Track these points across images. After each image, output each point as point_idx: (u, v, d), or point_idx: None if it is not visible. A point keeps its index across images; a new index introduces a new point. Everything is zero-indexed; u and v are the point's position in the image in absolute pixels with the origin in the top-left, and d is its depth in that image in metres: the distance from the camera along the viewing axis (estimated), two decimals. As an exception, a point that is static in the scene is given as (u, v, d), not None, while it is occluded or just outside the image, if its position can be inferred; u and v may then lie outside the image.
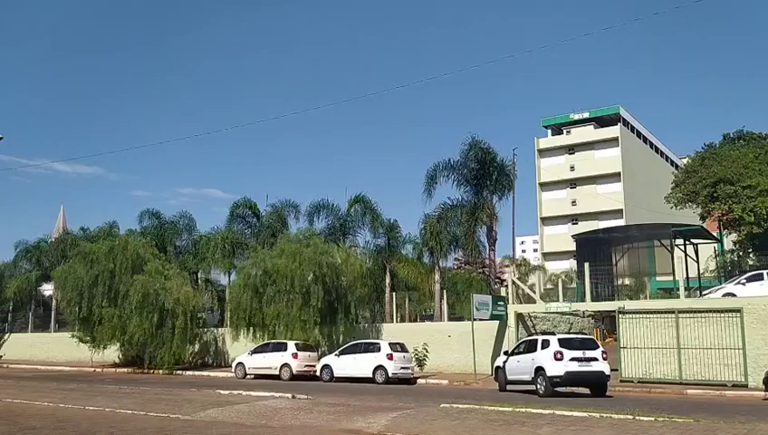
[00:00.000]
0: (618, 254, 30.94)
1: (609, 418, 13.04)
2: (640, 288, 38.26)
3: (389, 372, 24.78)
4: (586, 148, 79.24)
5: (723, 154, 36.58)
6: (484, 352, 26.96)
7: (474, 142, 36.35)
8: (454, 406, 15.34)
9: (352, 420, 13.50)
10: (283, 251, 30.89)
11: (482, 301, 27.11)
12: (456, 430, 11.96)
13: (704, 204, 35.80)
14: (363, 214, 39.22)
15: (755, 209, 32.15)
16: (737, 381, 21.36)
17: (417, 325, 34.62)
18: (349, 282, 31.43)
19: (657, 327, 23.27)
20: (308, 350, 28.30)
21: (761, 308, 21.65)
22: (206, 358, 35.65)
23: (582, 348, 19.38)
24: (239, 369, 28.71)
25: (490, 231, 37.05)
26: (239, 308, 31.06)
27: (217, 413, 14.94)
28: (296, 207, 40.38)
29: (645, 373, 23.08)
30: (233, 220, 41.02)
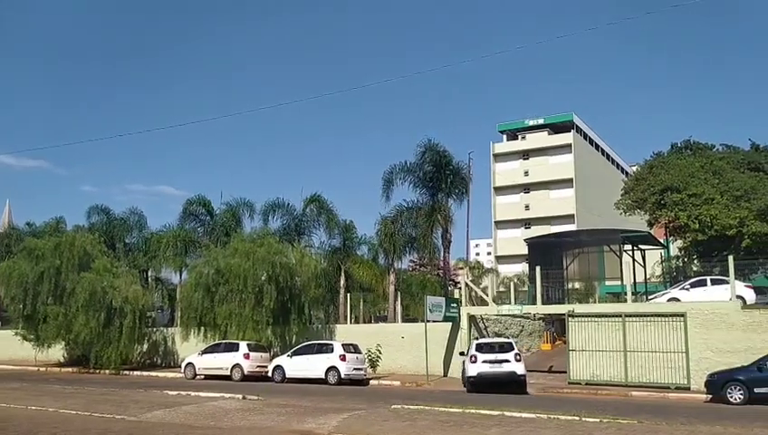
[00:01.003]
0: (568, 258, 31.56)
1: (556, 419, 13.29)
2: (590, 292, 39.06)
3: (342, 373, 24.70)
4: (540, 153, 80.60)
5: (670, 163, 37.72)
6: (437, 353, 27.16)
7: (429, 145, 36.68)
8: (405, 407, 15.41)
9: (303, 421, 13.43)
10: (237, 250, 30.50)
11: (435, 303, 27.29)
12: (407, 431, 12.01)
13: (651, 211, 36.84)
14: (319, 214, 39.12)
15: (700, 217, 33.20)
16: (680, 384, 21.99)
17: (370, 327, 34.64)
18: (303, 282, 31.22)
19: (605, 330, 23.79)
20: (260, 350, 28.00)
21: (703, 313, 22.35)
22: (154, 358, 34.93)
23: (496, 352, 21.67)
24: (189, 369, 28.20)
25: (445, 233, 37.39)
26: (190, 307, 30.54)
27: (164, 414, 14.66)
28: (251, 206, 40.00)
29: (592, 375, 23.57)
30: (185, 218, 40.37)
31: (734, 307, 22.12)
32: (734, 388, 18.40)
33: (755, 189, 33.82)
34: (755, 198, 33.20)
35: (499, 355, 21.53)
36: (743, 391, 18.19)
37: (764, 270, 32.80)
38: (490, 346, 22.30)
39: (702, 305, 22.75)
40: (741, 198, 33.39)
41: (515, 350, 22.09)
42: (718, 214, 32.71)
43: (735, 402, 18.14)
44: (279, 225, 38.83)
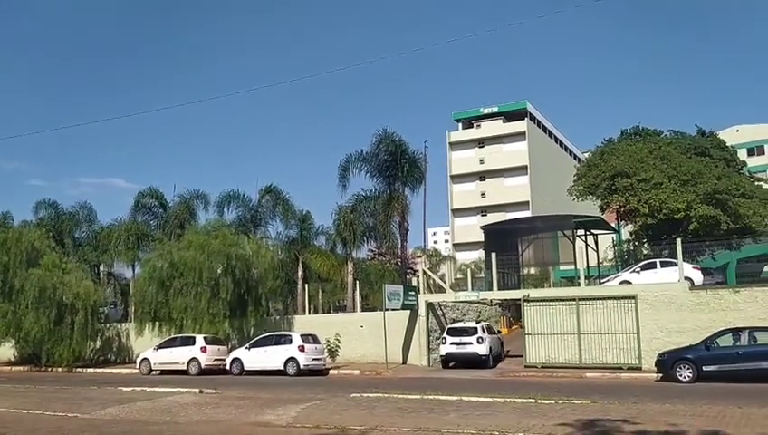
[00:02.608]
0: (524, 244, 31.98)
1: (512, 402, 13.52)
2: (545, 277, 39.74)
3: (301, 364, 24.62)
4: (495, 141, 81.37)
5: (621, 149, 38.52)
6: (396, 341, 27.30)
7: (385, 134, 36.70)
8: (364, 395, 15.46)
9: (261, 413, 13.34)
10: (191, 243, 30.05)
11: (393, 291, 27.38)
12: (365, 419, 12.03)
13: (603, 196, 37.61)
14: (275, 205, 38.80)
15: (650, 202, 34.02)
16: (632, 364, 22.59)
17: (329, 317, 34.58)
18: (260, 274, 30.98)
19: (560, 314, 24.27)
20: (217, 343, 27.70)
21: (653, 295, 22.99)
22: (108, 354, 34.31)
23: (461, 335, 25.34)
24: (144, 365, 27.75)
25: (402, 222, 37.51)
26: (144, 302, 30.04)
27: (118, 411, 14.39)
28: (205, 198, 39.43)
29: (548, 358, 24.04)
30: (137, 211, 39.54)
31: (683, 288, 22.80)
32: (684, 367, 18.98)
33: (701, 174, 34.81)
34: (701, 182, 34.18)
35: (464, 338, 25.15)
36: (691, 370, 18.78)
37: (711, 252, 33.90)
38: (458, 330, 25.79)
39: (652, 287, 23.38)
40: (688, 182, 34.33)
41: (479, 334, 25.12)
42: (667, 198, 33.57)
43: (685, 381, 18.72)
44: (234, 216, 38.47)
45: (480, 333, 25.26)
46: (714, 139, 41.06)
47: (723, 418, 11.19)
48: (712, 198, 33.74)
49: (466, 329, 25.74)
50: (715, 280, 29.15)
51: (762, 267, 40.60)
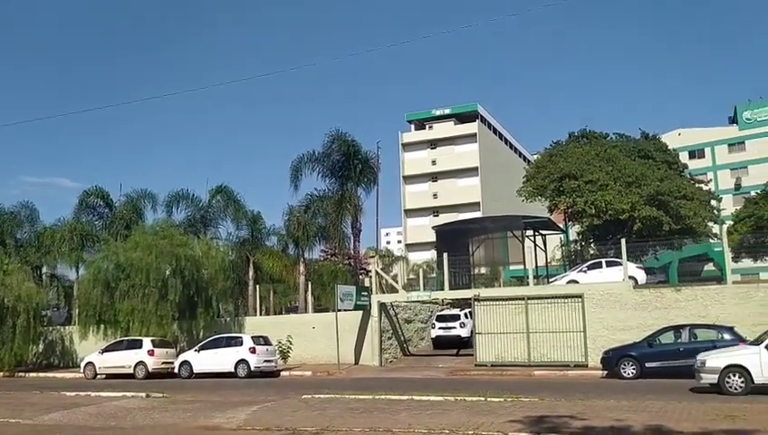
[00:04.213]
0: (474, 244, 32.33)
1: (462, 400, 13.68)
2: (495, 277, 40.24)
3: (252, 366, 24.34)
4: (447, 143, 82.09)
5: (568, 151, 39.38)
6: (349, 342, 27.29)
7: (337, 135, 36.64)
8: (315, 397, 15.41)
9: (210, 417, 13.15)
10: (138, 243, 29.37)
11: (346, 292, 27.36)
12: (317, 420, 11.99)
13: (551, 197, 38.37)
14: (226, 205, 38.23)
15: (596, 203, 34.87)
16: (579, 362, 23.09)
17: (281, 318, 34.26)
18: (210, 275, 30.49)
19: (509, 313, 24.64)
20: (165, 346, 27.14)
21: (599, 294, 23.55)
22: (51, 359, 33.32)
23: (448, 321, 29.96)
24: (89, 369, 26.99)
25: (355, 222, 37.53)
26: (88, 304, 29.26)
27: (62, 416, 13.99)
28: (153, 198, 38.54)
29: (497, 357, 24.37)
30: (82, 211, 38.32)
31: (627, 287, 23.44)
32: (627, 363, 19.54)
33: (645, 176, 35.88)
34: (645, 184, 35.23)
35: (449, 323, 29.80)
36: (635, 367, 19.35)
37: (654, 252, 34.99)
38: (445, 317, 30.45)
39: (598, 286, 23.96)
40: (632, 184, 35.33)
41: (461, 320, 29.32)
42: (612, 199, 34.47)
43: (629, 377, 19.26)
44: (184, 216, 37.76)
45: (462, 319, 29.21)
46: (657, 142, 42.35)
47: (665, 413, 11.57)
48: (655, 200, 34.81)
49: (452, 316, 30.15)
50: (658, 279, 30.18)
51: (702, 267, 42.15)
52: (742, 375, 14.67)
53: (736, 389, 14.62)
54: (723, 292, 22.10)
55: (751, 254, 37.36)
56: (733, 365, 14.85)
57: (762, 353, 14.58)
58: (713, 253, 39.07)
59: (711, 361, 15.33)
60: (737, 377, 14.70)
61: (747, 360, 14.76)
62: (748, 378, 14.60)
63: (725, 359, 15.16)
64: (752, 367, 14.57)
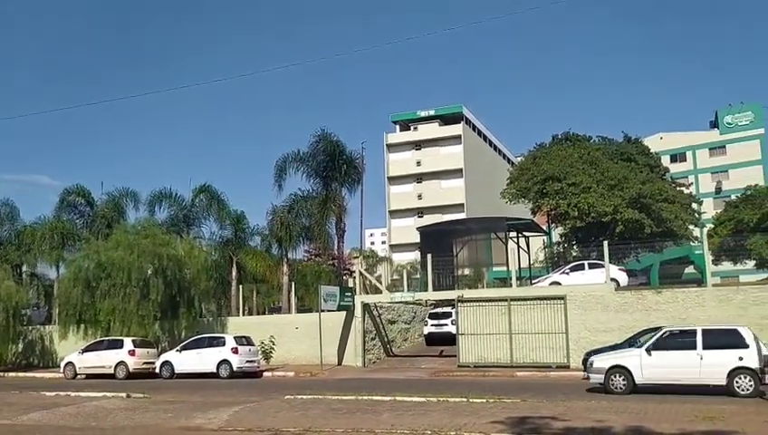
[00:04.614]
0: (458, 245, 32.43)
1: (445, 401, 13.70)
2: (479, 278, 40.37)
3: (234, 367, 24.20)
4: (432, 144, 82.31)
5: (552, 154, 39.64)
6: (332, 342, 27.24)
7: (323, 135, 36.56)
8: (298, 397, 15.36)
9: (192, 417, 13.05)
10: (120, 242, 29.09)
11: (329, 292, 27.28)
12: (299, 421, 11.95)
13: (534, 199, 38.62)
14: (209, 204, 37.96)
15: (578, 205, 35.15)
16: (561, 363, 23.18)
17: (264, 318, 34.14)
18: (192, 275, 30.25)
19: (492, 314, 24.68)
20: (147, 346, 26.89)
21: (581, 296, 23.69)
22: (31, 358, 32.95)
23: (440, 318, 30.64)
24: (69, 369, 26.70)
25: (339, 223, 37.46)
26: (69, 304, 28.93)
27: (41, 416, 13.83)
28: (135, 196, 38.13)
29: (480, 358, 24.41)
30: (63, 209, 37.83)
31: (609, 289, 23.60)
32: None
33: (627, 179, 36.22)
34: (627, 186, 35.57)
35: (441, 321, 30.41)
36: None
37: (636, 254, 35.32)
38: (437, 315, 31.17)
39: (580, 288, 24.09)
40: (615, 186, 35.64)
41: (452, 317, 28.53)
42: (595, 202, 34.75)
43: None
44: (167, 216, 37.41)
45: (454, 316, 28.03)
46: (639, 145, 42.77)
47: (645, 414, 11.67)
48: (637, 203, 35.15)
49: (444, 313, 30.61)
50: (640, 281, 30.44)
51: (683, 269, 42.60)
52: (624, 376, 15.64)
53: (619, 388, 15.54)
54: (703, 294, 22.33)
55: (731, 257, 37.85)
56: (616, 366, 15.84)
57: (642, 356, 15.62)
58: (693, 256, 39.50)
59: (597, 362, 16.39)
60: (620, 377, 15.65)
61: (629, 361, 15.77)
62: (630, 378, 15.58)
63: (610, 360, 16.21)
64: (633, 368, 15.58)
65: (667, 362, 15.39)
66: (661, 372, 15.48)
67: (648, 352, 15.64)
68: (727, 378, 14.85)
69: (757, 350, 14.80)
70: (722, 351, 15.02)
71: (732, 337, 15.26)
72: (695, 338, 15.44)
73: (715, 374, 14.95)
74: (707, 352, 15.07)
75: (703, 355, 15.08)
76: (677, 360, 15.33)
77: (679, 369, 15.26)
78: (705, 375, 15.06)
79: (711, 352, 15.06)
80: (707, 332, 15.62)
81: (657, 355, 15.52)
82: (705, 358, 15.04)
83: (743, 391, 14.64)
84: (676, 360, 15.34)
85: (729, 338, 15.29)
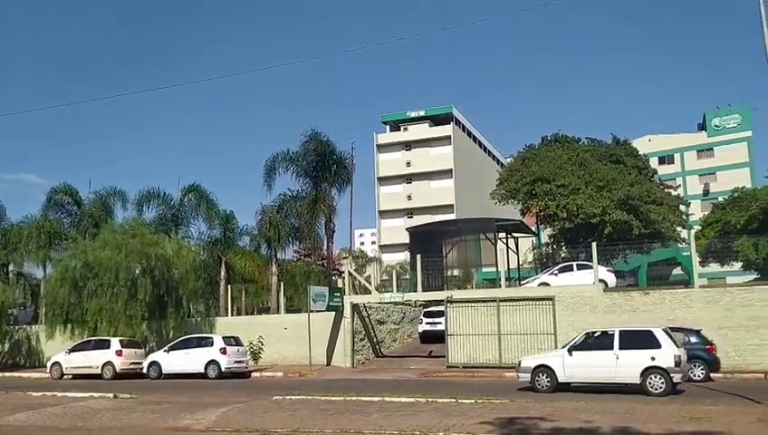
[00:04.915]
0: (448, 246, 32.49)
1: (434, 402, 13.71)
2: (468, 278, 40.45)
3: (223, 367, 24.11)
4: (421, 145, 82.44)
5: (541, 155, 39.79)
6: (321, 343, 27.20)
7: (313, 135, 36.49)
8: (286, 398, 15.31)
9: (179, 418, 12.99)
10: (107, 242, 28.93)
11: (318, 292, 27.25)
12: (288, 421, 11.92)
13: (524, 200, 38.74)
14: (198, 204, 37.78)
15: (567, 206, 35.29)
16: (549, 364, 23.24)
17: (253, 318, 34.04)
18: (181, 274, 30.12)
19: (481, 315, 24.75)
20: (134, 346, 26.75)
21: (569, 297, 23.78)
22: (17, 358, 32.78)
23: (434, 317, 30.20)
24: (55, 369, 26.50)
25: (328, 223, 37.40)
26: (56, 303, 28.72)
27: (27, 417, 13.72)
28: (123, 196, 37.92)
29: (469, 359, 24.45)
30: (50, 208, 37.56)
31: (597, 290, 23.71)
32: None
33: (616, 180, 36.41)
34: (616, 188, 35.75)
35: (435, 319, 29.82)
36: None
37: (624, 255, 35.51)
38: (431, 313, 31.01)
39: (569, 289, 24.18)
40: (603, 188, 35.81)
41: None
42: (583, 203, 34.90)
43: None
44: (155, 215, 37.19)
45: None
46: (627, 147, 43.00)
47: (632, 414, 11.73)
48: (625, 204, 35.33)
49: (438, 312, 29.77)
50: (628, 282, 30.57)
51: (670, 270, 42.91)
52: (548, 374, 16.63)
53: (544, 386, 16.52)
54: (690, 295, 22.49)
55: (718, 258, 38.13)
56: (541, 366, 16.87)
57: (564, 356, 16.56)
58: (681, 257, 39.81)
59: (525, 361, 17.50)
60: (544, 376, 16.67)
61: (552, 361, 16.77)
62: (553, 377, 16.53)
63: (536, 360, 17.33)
64: (556, 368, 16.56)
65: (587, 361, 16.20)
66: (581, 371, 16.31)
67: (570, 353, 16.52)
68: (641, 377, 15.48)
69: (671, 351, 15.38)
70: (636, 351, 15.69)
71: (646, 338, 15.92)
72: (612, 339, 16.20)
73: (630, 373, 15.62)
74: (623, 353, 15.78)
75: (619, 355, 15.79)
76: (596, 359, 16.10)
77: (597, 368, 16.04)
78: (621, 374, 15.77)
79: (626, 353, 15.76)
80: (624, 333, 16.37)
81: (578, 355, 16.38)
82: (621, 358, 15.74)
83: (655, 389, 15.24)
84: (595, 359, 16.12)
85: (644, 339, 15.95)
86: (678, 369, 15.27)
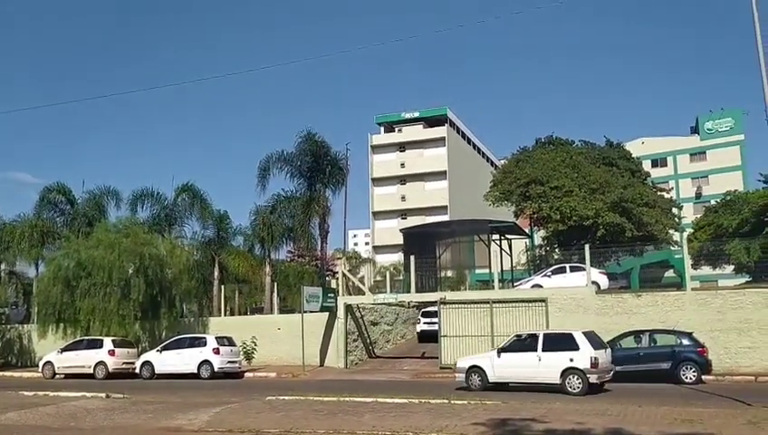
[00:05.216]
0: (441, 247, 32.54)
1: (427, 403, 13.75)
2: (461, 280, 40.42)
3: (216, 367, 24.11)
4: (416, 146, 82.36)
5: (535, 157, 39.81)
6: (314, 343, 27.22)
7: (308, 135, 36.49)
8: (280, 398, 15.33)
9: (172, 418, 12.99)
10: (101, 241, 28.88)
11: (312, 293, 27.25)
12: (281, 422, 11.93)
13: (517, 202, 38.75)
14: (191, 204, 37.73)
15: (561, 208, 35.32)
16: (542, 365, 23.31)
17: (246, 318, 34.01)
18: (174, 274, 30.10)
19: (474, 316, 24.83)
20: (127, 346, 26.72)
21: (562, 298, 23.88)
22: (9, 357, 32.73)
23: (432, 317, 29.52)
24: (47, 368, 26.47)
25: (322, 223, 37.40)
26: (48, 303, 28.66)
27: (19, 416, 13.69)
28: (117, 195, 37.84)
29: (462, 360, 24.49)
30: (43, 207, 37.43)
31: (590, 292, 23.82)
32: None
33: (609, 183, 36.50)
34: (609, 190, 35.83)
35: (433, 319, 29.03)
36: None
37: (616, 258, 35.54)
38: (429, 313, 30.76)
39: (561, 291, 24.28)
40: (596, 190, 35.89)
41: None
42: (577, 206, 34.96)
43: (590, 380, 19.57)
44: (148, 215, 37.12)
45: None
46: (621, 150, 43.07)
47: (624, 416, 11.79)
48: (618, 207, 35.40)
49: (435, 312, 28.64)
50: (620, 285, 30.62)
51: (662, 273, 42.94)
52: (479, 374, 17.76)
53: (476, 385, 17.67)
54: (682, 298, 22.61)
55: (710, 261, 38.26)
56: (474, 366, 18.01)
57: (493, 357, 17.72)
58: (673, 260, 39.86)
59: (460, 362, 18.71)
60: (476, 376, 17.78)
61: (483, 362, 17.92)
62: (484, 376, 17.67)
63: (470, 361, 18.43)
64: (486, 368, 17.71)
65: (513, 362, 17.38)
66: (508, 372, 17.50)
67: (499, 354, 17.73)
68: (560, 377, 16.46)
69: (588, 353, 16.20)
70: (557, 353, 16.68)
71: (567, 341, 16.88)
72: (537, 341, 17.25)
73: (550, 374, 16.63)
74: (545, 354, 16.82)
75: (541, 357, 16.84)
76: (521, 360, 17.22)
77: (522, 369, 17.20)
78: (542, 375, 16.82)
79: (548, 354, 16.78)
80: (547, 336, 17.54)
81: (506, 356, 17.54)
82: (543, 359, 16.79)
83: (573, 389, 16.21)
84: (520, 360, 17.24)
85: (564, 342, 16.92)
86: (595, 370, 16.11)
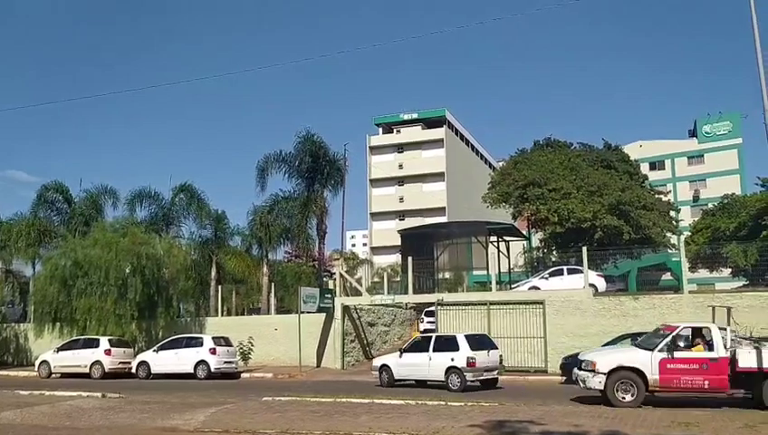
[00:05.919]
0: (439, 249, 32.50)
1: (423, 404, 13.73)
2: (459, 281, 40.37)
3: (212, 367, 24.07)
4: (414, 147, 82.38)
5: (533, 159, 39.90)
6: (311, 344, 27.18)
7: (307, 136, 36.49)
8: (276, 399, 15.30)
9: (168, 418, 12.95)
10: (98, 240, 28.84)
11: (309, 293, 27.22)
12: (277, 422, 11.90)
13: (515, 204, 38.82)
14: (189, 204, 37.68)
15: (559, 211, 35.39)
16: (539, 367, 23.32)
17: (243, 319, 33.98)
18: (171, 274, 30.09)
19: (472, 318, 24.76)
20: (123, 346, 26.68)
21: (560, 301, 23.86)
22: (5, 356, 32.73)
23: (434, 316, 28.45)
24: (43, 367, 26.43)
25: (320, 224, 37.39)
26: (44, 302, 28.61)
27: (14, 416, 13.65)
28: (114, 194, 37.84)
29: (459, 362, 24.48)
30: (40, 206, 37.37)
31: (587, 294, 23.79)
32: (585, 370, 19.87)
33: (607, 185, 36.56)
34: (607, 193, 35.89)
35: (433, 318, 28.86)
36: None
37: (614, 260, 35.59)
38: (432, 313, 29.54)
39: (559, 293, 24.26)
40: (594, 193, 35.94)
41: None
42: (575, 208, 35.01)
43: (586, 383, 19.59)
44: (146, 214, 37.12)
45: None
46: (619, 153, 43.17)
47: (621, 418, 11.78)
48: (616, 209, 35.46)
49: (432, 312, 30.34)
50: (617, 287, 30.63)
51: (660, 276, 43.01)
52: (387, 372, 19.87)
53: (384, 382, 19.73)
54: (679, 301, 22.60)
55: (707, 265, 38.29)
56: (383, 365, 20.16)
57: (397, 357, 19.79)
58: (670, 263, 39.91)
59: (375, 361, 21.21)
60: (385, 374, 19.86)
61: (390, 361, 20.05)
62: (391, 374, 19.71)
63: (381, 360, 20.62)
64: (393, 366, 19.81)
65: (411, 361, 19.37)
66: (406, 370, 19.55)
67: (401, 354, 19.78)
68: (444, 375, 18.37)
69: (466, 353, 17.98)
70: (443, 353, 18.58)
71: (451, 343, 18.78)
72: (429, 343, 19.27)
73: (438, 372, 18.59)
74: (435, 354, 18.81)
75: (432, 357, 18.83)
76: (417, 360, 19.19)
77: (416, 368, 19.24)
78: (432, 373, 18.85)
79: (437, 354, 18.75)
80: (438, 338, 19.61)
81: (406, 356, 19.57)
82: (433, 359, 18.77)
83: (453, 386, 18.04)
84: (416, 360, 19.20)
85: (449, 343, 18.77)
86: (470, 369, 17.96)
